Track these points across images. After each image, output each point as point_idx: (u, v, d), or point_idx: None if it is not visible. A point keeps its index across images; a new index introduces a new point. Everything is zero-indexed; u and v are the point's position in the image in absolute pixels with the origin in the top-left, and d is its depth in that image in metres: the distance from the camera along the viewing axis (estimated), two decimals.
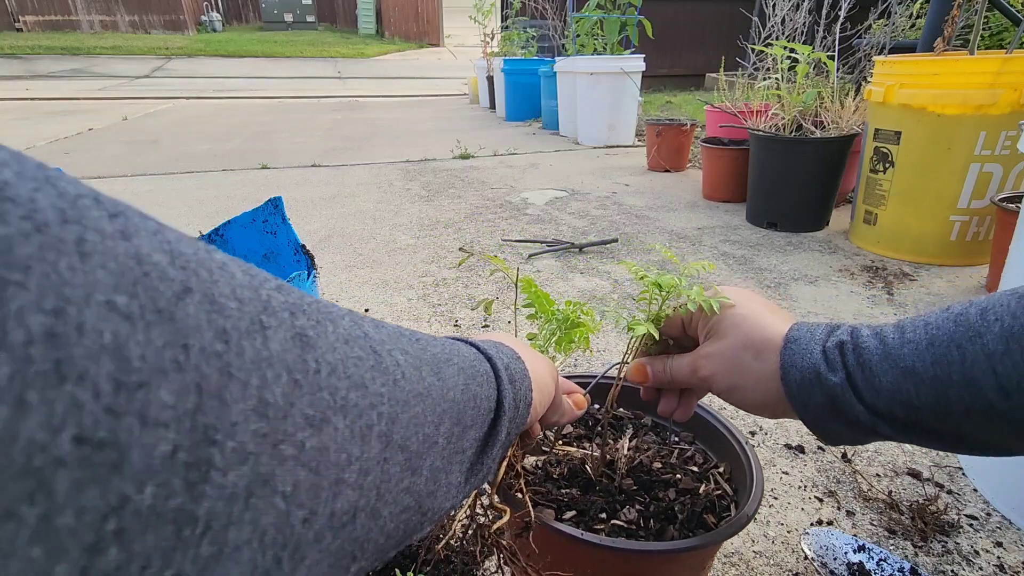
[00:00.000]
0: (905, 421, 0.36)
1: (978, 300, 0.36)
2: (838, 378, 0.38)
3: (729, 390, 0.43)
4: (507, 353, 0.37)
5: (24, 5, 14.08)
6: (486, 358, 0.35)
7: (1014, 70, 1.48)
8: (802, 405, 0.40)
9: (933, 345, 0.35)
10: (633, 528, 0.52)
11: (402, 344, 0.26)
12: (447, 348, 0.31)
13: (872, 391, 0.37)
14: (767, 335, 0.42)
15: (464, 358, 0.32)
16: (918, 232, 1.70)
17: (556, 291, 1.55)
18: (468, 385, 0.30)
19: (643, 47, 3.97)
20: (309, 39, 15.60)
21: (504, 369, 0.35)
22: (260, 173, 3.00)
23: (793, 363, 0.40)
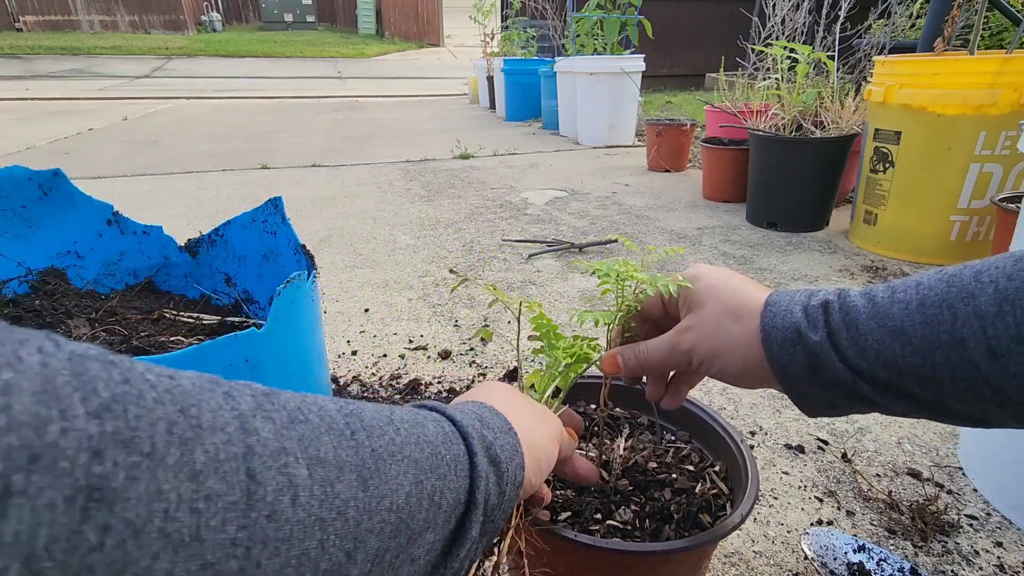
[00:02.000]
0: (887, 383, 0.35)
1: (972, 263, 0.35)
2: (819, 336, 0.37)
3: (710, 359, 0.42)
4: (495, 426, 0.33)
5: (24, 5, 14.08)
6: (462, 437, 0.30)
7: (1014, 70, 1.48)
8: (782, 368, 0.39)
9: (924, 305, 0.35)
10: (629, 529, 0.51)
11: (318, 448, 0.21)
12: (402, 434, 0.26)
13: (856, 349, 0.36)
14: (746, 300, 0.41)
15: (424, 444, 0.27)
16: (918, 232, 1.70)
17: (556, 291, 1.55)
18: (422, 482, 0.26)
19: (643, 47, 3.97)
20: (309, 39, 15.60)
21: (485, 451, 0.31)
22: (260, 173, 3.00)
23: (774, 324, 0.39)
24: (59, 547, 0.13)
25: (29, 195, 0.84)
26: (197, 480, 0.17)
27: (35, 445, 0.13)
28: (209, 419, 0.18)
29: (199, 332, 0.79)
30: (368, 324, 1.38)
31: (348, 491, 0.22)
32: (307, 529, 0.20)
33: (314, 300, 0.76)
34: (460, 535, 0.29)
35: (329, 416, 0.23)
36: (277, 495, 0.19)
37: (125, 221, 0.91)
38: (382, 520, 0.23)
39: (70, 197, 0.87)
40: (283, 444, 0.20)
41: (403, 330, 1.34)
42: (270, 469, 0.19)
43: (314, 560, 0.20)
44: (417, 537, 0.26)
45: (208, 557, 0.16)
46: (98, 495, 0.14)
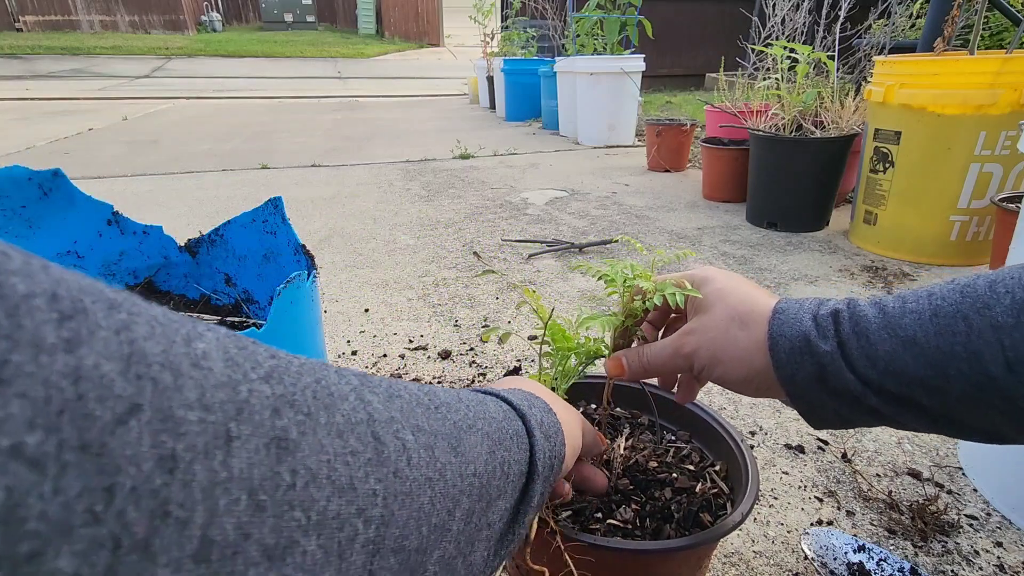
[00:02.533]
0: (897, 394, 0.35)
1: (984, 273, 0.35)
2: (829, 345, 0.36)
3: (712, 363, 0.41)
4: (540, 407, 0.35)
5: (24, 5, 14.09)
6: (519, 415, 0.33)
7: (1014, 70, 1.48)
8: (789, 377, 0.38)
9: (937, 316, 0.34)
10: (629, 528, 0.51)
11: (415, 419, 0.24)
12: (472, 410, 0.29)
13: (866, 360, 0.35)
14: (754, 306, 0.41)
15: (491, 420, 0.30)
16: (918, 232, 1.70)
17: (556, 291, 1.55)
18: (494, 452, 0.28)
19: (643, 47, 3.97)
20: (309, 39, 15.60)
21: (538, 426, 0.33)
22: (260, 173, 3.00)
23: (782, 332, 0.38)
24: (268, 484, 0.15)
25: (29, 195, 0.84)
26: (343, 438, 0.19)
27: (236, 400, 0.15)
28: (336, 389, 0.20)
29: None
30: (368, 324, 1.38)
31: (444, 456, 0.24)
32: (421, 486, 0.22)
33: (314, 300, 0.76)
34: (523, 503, 0.31)
35: (415, 393, 0.26)
36: (397, 455, 0.21)
37: (125, 221, 0.91)
38: (470, 484, 0.26)
39: (70, 197, 0.87)
40: (391, 413, 0.22)
41: (403, 330, 1.35)
42: (388, 433, 0.21)
43: (427, 514, 0.22)
44: (494, 503, 0.28)
45: (360, 503, 0.18)
46: (284, 444, 0.16)
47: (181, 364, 0.14)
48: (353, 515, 0.18)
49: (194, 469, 0.13)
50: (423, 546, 0.22)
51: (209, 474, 0.14)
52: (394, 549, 0.20)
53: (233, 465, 0.14)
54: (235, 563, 0.14)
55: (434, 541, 0.23)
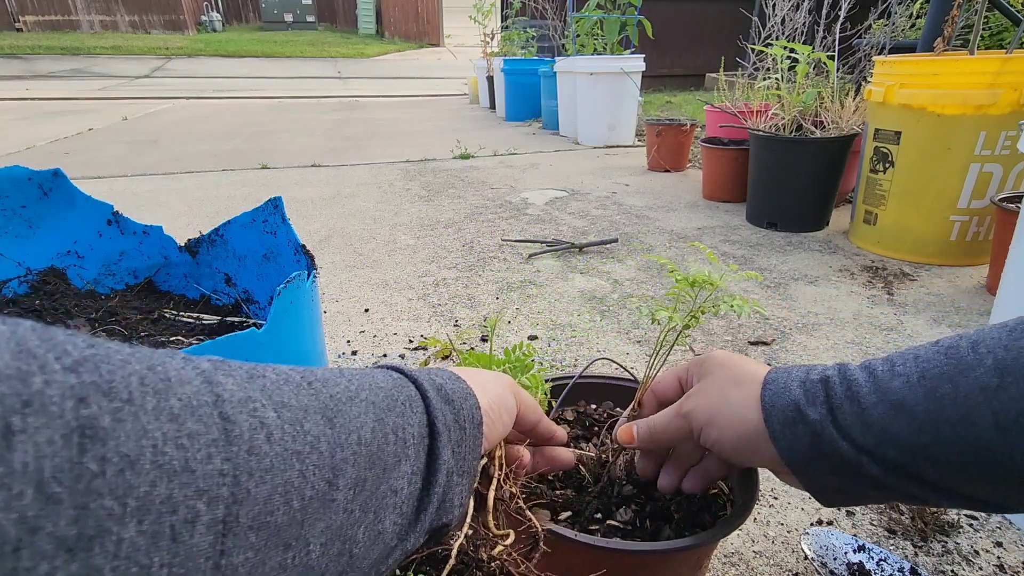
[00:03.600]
0: (895, 463, 0.34)
1: (967, 334, 0.35)
2: (818, 413, 0.36)
3: (709, 423, 0.42)
4: (441, 375, 0.35)
5: (24, 5, 14.09)
6: (410, 380, 0.33)
7: (1014, 70, 1.48)
8: (788, 450, 0.38)
9: (925, 378, 0.34)
10: (629, 528, 0.51)
11: (280, 396, 0.23)
12: (355, 383, 0.29)
13: (861, 426, 0.35)
14: (748, 370, 0.42)
15: (377, 389, 0.30)
16: (918, 232, 1.70)
17: (556, 291, 1.55)
18: (383, 419, 0.28)
19: (643, 47, 3.97)
20: (309, 39, 15.60)
21: (436, 390, 0.33)
22: (260, 173, 3.00)
23: (774, 403, 0.38)
24: (65, 475, 0.15)
25: (29, 195, 0.84)
26: (177, 421, 0.18)
27: (24, 393, 0.15)
28: (175, 375, 0.20)
29: (199, 332, 0.79)
30: (368, 324, 1.38)
31: (316, 428, 0.24)
32: (286, 460, 0.22)
33: (314, 300, 0.76)
34: (432, 464, 0.31)
35: (284, 372, 0.26)
36: (252, 433, 0.21)
37: (125, 221, 0.91)
38: (354, 452, 0.25)
39: (70, 197, 0.87)
40: (248, 393, 0.22)
41: (403, 330, 1.35)
42: (240, 413, 0.21)
43: (298, 487, 0.22)
44: (392, 469, 0.28)
45: (201, 484, 0.18)
46: (90, 432, 0.16)
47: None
48: (190, 497, 0.18)
49: None
50: (296, 519, 0.22)
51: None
52: (253, 527, 0.20)
53: (14, 460, 0.14)
54: (19, 558, 0.14)
55: (312, 513, 0.23)
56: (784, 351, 1.24)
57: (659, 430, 0.46)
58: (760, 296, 1.51)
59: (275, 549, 0.21)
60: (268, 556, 0.21)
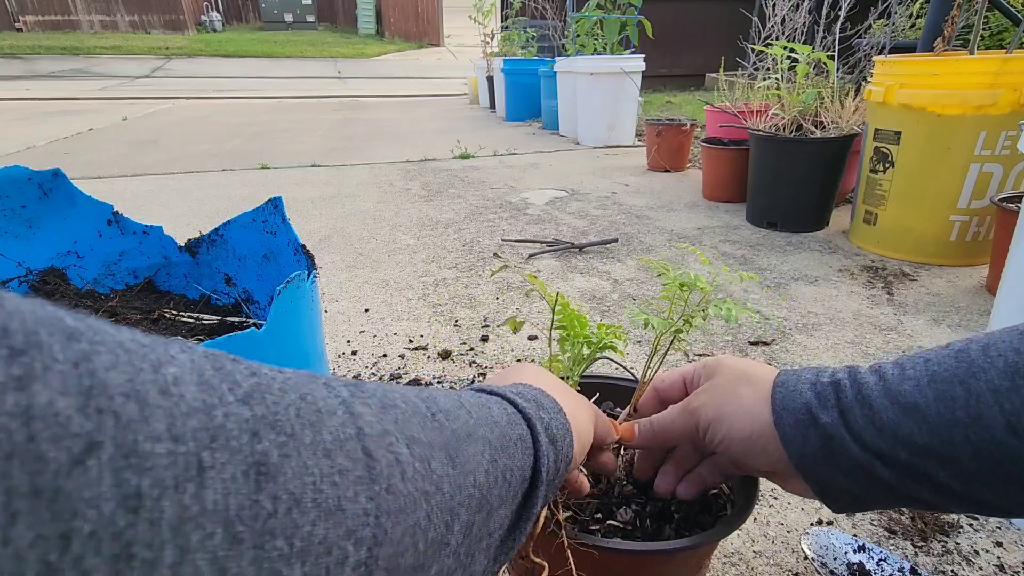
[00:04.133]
0: (907, 465, 0.34)
1: (977, 337, 0.35)
2: (829, 416, 0.36)
3: (717, 421, 0.41)
4: (548, 407, 0.34)
5: (24, 5, 14.08)
6: (524, 418, 0.32)
7: (1014, 70, 1.48)
8: (799, 454, 0.37)
9: (935, 381, 0.34)
10: (629, 529, 0.51)
11: (411, 429, 0.23)
12: (473, 416, 0.28)
13: (872, 429, 0.35)
14: (758, 370, 0.42)
15: (493, 425, 0.29)
16: (918, 232, 1.70)
17: (556, 291, 1.55)
18: (496, 460, 0.27)
19: (643, 47, 3.97)
20: (309, 39, 15.60)
21: (544, 431, 0.32)
22: (260, 173, 3.00)
23: (786, 405, 0.38)
24: (247, 513, 0.15)
25: (29, 195, 0.84)
26: (330, 457, 0.18)
27: (210, 427, 0.15)
28: (323, 405, 0.19)
29: (199, 332, 0.79)
30: (368, 324, 1.38)
31: (441, 468, 0.23)
32: (416, 501, 0.21)
33: (314, 300, 0.76)
34: (525, 510, 0.30)
35: (412, 401, 0.25)
36: (390, 470, 0.20)
37: (125, 221, 0.91)
38: (469, 495, 0.25)
39: (70, 197, 0.87)
40: (384, 426, 0.21)
41: (403, 330, 1.35)
42: (380, 447, 0.20)
43: (424, 529, 0.22)
44: (495, 512, 0.27)
45: (350, 524, 0.18)
46: (264, 469, 0.16)
47: (148, 393, 0.14)
48: (342, 537, 0.17)
49: (162, 505, 0.13)
50: (420, 563, 0.21)
51: (179, 509, 0.13)
52: (388, 568, 0.19)
53: (206, 497, 0.14)
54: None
55: (431, 556, 0.22)
56: (784, 351, 1.24)
57: (663, 427, 0.46)
58: (760, 296, 1.51)
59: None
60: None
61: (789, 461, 0.38)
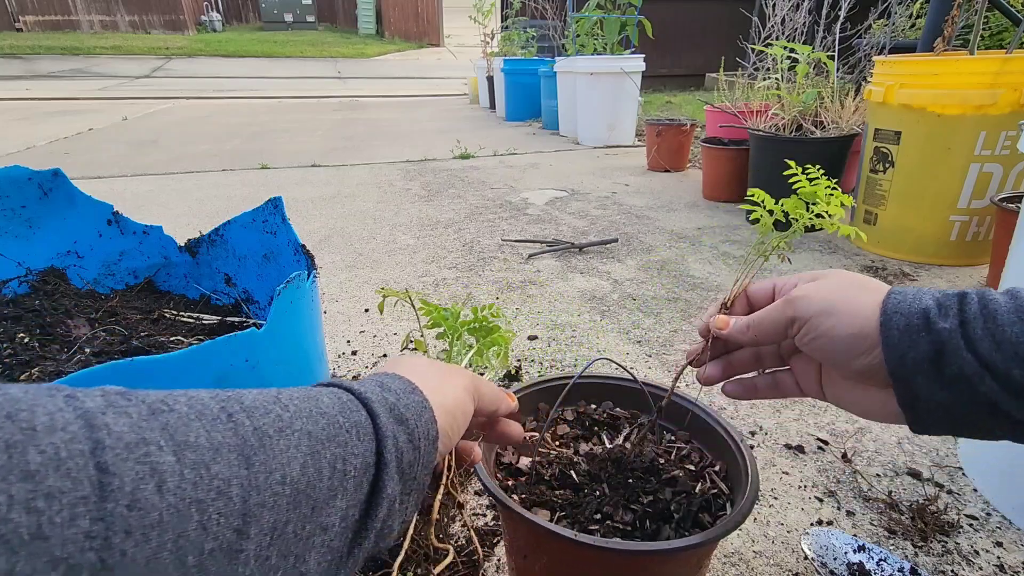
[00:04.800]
0: (1018, 384, 0.33)
1: None
2: (949, 323, 0.35)
3: (824, 313, 0.39)
4: (396, 388, 0.33)
5: (24, 5, 14.08)
6: (361, 402, 0.30)
7: (1014, 70, 1.48)
8: (899, 358, 0.36)
9: None
10: (629, 529, 0.51)
11: (185, 434, 0.21)
12: (291, 409, 0.26)
13: (991, 341, 0.33)
14: (877, 284, 0.40)
15: (318, 416, 0.27)
16: (918, 232, 1.70)
17: (556, 291, 1.55)
18: (319, 452, 0.26)
19: (643, 47, 3.97)
20: (309, 39, 15.60)
21: (388, 412, 0.31)
22: (260, 173, 3.00)
23: (898, 309, 0.37)
24: None
25: (29, 195, 0.84)
26: (33, 480, 0.16)
27: None
28: (45, 421, 0.18)
29: (199, 332, 0.79)
30: (368, 324, 1.38)
31: (228, 470, 0.22)
32: (181, 513, 0.20)
33: (314, 300, 0.76)
34: (375, 496, 0.29)
35: (200, 403, 0.23)
36: (137, 483, 0.19)
37: (125, 221, 0.91)
38: (275, 494, 0.23)
39: (70, 197, 0.87)
40: (142, 435, 0.20)
41: (403, 330, 1.34)
42: (126, 460, 0.19)
43: (196, 541, 0.20)
44: (324, 505, 0.26)
45: (57, 553, 0.16)
46: None
47: None
48: (40, 569, 0.16)
49: None
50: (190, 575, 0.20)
51: None
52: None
53: None
54: None
55: (213, 567, 0.21)
56: None
57: (758, 319, 0.43)
58: None
59: None
60: None
61: (885, 366, 0.37)
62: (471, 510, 0.82)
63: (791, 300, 0.41)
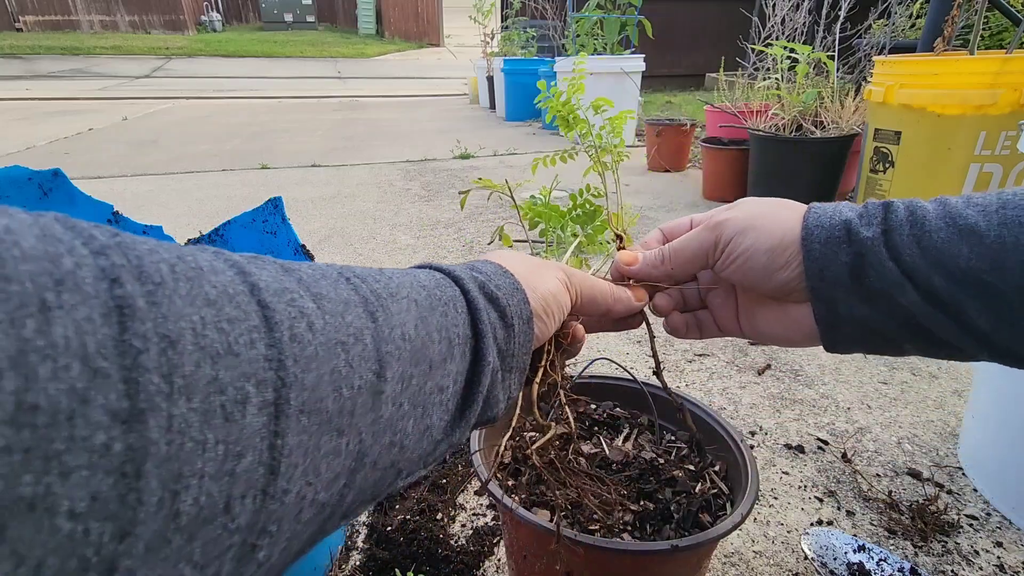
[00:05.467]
0: (940, 293, 0.32)
1: None
2: (872, 231, 0.34)
3: (746, 229, 0.38)
4: (485, 271, 0.34)
5: (24, 5, 14.09)
6: (453, 280, 0.32)
7: (1014, 70, 1.48)
8: (819, 272, 0.35)
9: (1005, 208, 0.32)
10: (629, 529, 0.51)
11: (318, 288, 0.23)
12: (396, 281, 0.28)
13: (915, 248, 0.33)
14: (797, 204, 0.40)
15: (420, 288, 0.29)
16: None
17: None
18: (426, 318, 0.28)
19: (643, 47, 3.97)
20: (309, 39, 15.60)
21: (479, 288, 0.32)
22: (260, 173, 3.00)
23: (819, 222, 0.36)
24: (110, 351, 0.15)
25: (29, 195, 0.84)
26: (215, 307, 0.18)
27: (55, 272, 0.14)
28: (207, 265, 0.19)
29: None
30: None
31: (358, 321, 0.24)
32: (330, 349, 0.22)
33: None
34: (477, 364, 0.31)
35: (319, 269, 0.25)
36: (292, 321, 0.21)
37: (125, 221, 0.91)
38: (398, 347, 0.25)
39: (70, 197, 0.87)
40: (284, 285, 0.21)
41: None
42: (279, 302, 0.20)
43: (346, 376, 0.22)
44: (439, 367, 0.28)
45: (246, 368, 0.18)
46: (128, 312, 0.16)
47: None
48: (237, 379, 0.18)
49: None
50: (347, 408, 0.22)
51: (17, 343, 0.13)
52: (304, 411, 0.20)
53: (54, 333, 0.14)
54: (74, 427, 0.14)
55: (362, 403, 0.23)
56: (784, 351, 1.24)
57: (679, 247, 0.42)
58: None
59: (328, 434, 0.21)
60: (322, 441, 0.21)
61: (805, 281, 0.36)
62: (471, 510, 0.82)
63: (716, 224, 0.40)
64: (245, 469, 0.18)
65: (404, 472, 0.28)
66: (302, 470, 0.20)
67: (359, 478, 0.24)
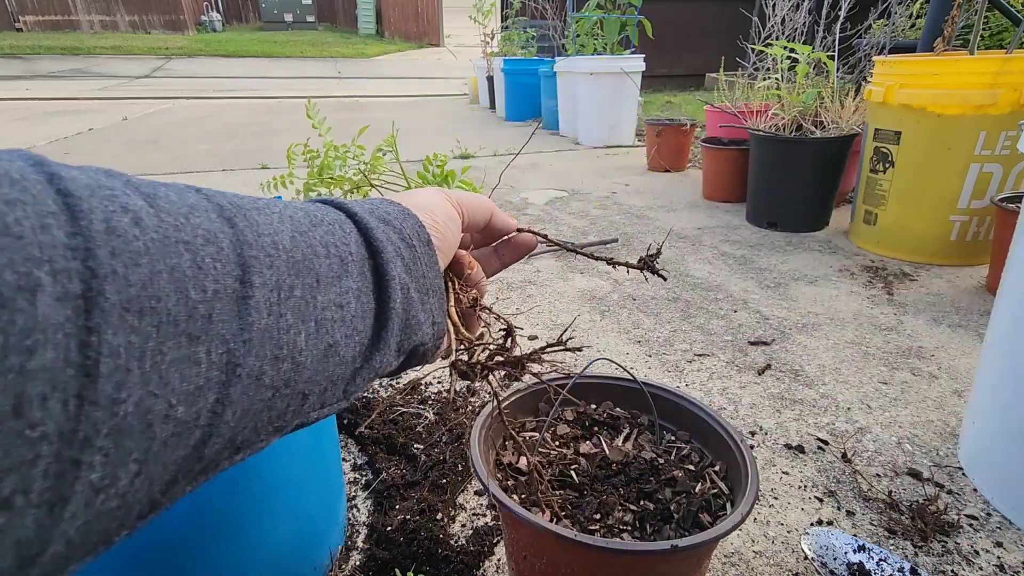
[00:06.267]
0: None
1: None
2: None
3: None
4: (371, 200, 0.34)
5: (24, 5, 14.08)
6: (334, 206, 0.31)
7: (1014, 70, 1.48)
8: None
9: None
10: (629, 529, 0.51)
11: (155, 190, 0.21)
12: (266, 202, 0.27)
13: None
14: None
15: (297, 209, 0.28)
16: (918, 232, 1.70)
17: (556, 291, 1.55)
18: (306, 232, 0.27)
19: (643, 47, 3.97)
20: (309, 39, 15.60)
21: (368, 213, 0.31)
22: (261, 173, 3.00)
23: None
24: None
25: None
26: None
27: None
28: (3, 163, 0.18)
29: None
30: None
31: (209, 224, 0.22)
32: (168, 248, 0.20)
33: None
34: (382, 281, 0.30)
35: (171, 184, 0.23)
36: (110, 214, 0.19)
37: None
38: (269, 255, 0.24)
39: None
40: (100, 182, 0.20)
41: None
42: (92, 197, 0.19)
43: (195, 278, 0.20)
44: (332, 283, 0.27)
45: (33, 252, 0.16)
46: None
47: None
48: (21, 263, 0.16)
49: None
50: (201, 312, 0.20)
51: None
52: (131, 310, 0.18)
53: None
54: None
55: (223, 309, 0.21)
56: (784, 351, 1.24)
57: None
58: (760, 296, 1.51)
59: (174, 339, 0.19)
60: (166, 346, 0.19)
61: None
62: (471, 510, 0.82)
63: None
64: (42, 367, 0.16)
65: (312, 396, 0.26)
66: (139, 376, 0.18)
67: (235, 393, 0.22)
